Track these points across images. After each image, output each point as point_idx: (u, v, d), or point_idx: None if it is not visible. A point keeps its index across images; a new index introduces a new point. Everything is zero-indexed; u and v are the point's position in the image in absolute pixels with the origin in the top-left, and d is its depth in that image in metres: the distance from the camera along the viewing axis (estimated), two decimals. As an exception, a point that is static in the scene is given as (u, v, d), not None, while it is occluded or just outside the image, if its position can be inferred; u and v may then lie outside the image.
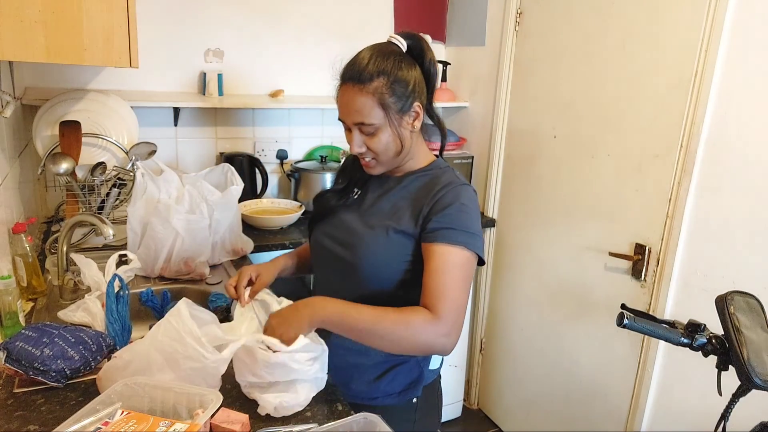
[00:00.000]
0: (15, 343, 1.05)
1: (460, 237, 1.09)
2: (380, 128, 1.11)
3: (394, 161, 1.18)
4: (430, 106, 1.20)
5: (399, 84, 1.09)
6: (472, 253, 1.10)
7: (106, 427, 0.85)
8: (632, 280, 1.89)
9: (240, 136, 2.45)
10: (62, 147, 1.84)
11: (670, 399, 1.83)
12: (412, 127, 1.15)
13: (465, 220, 1.11)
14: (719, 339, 1.11)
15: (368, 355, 1.20)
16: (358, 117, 1.11)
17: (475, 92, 2.61)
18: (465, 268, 1.09)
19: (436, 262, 1.08)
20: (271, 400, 1.01)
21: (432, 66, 1.16)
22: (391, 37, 1.14)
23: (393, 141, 1.13)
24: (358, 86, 1.09)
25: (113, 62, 1.29)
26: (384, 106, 1.09)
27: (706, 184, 1.66)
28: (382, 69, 1.08)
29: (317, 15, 2.46)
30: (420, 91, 1.13)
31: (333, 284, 1.26)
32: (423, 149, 1.23)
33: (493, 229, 2.55)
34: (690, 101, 1.66)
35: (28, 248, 1.45)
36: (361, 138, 1.13)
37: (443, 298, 1.05)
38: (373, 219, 1.19)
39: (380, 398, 1.22)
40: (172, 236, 1.60)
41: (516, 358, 2.49)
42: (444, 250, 1.08)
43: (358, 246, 1.17)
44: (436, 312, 1.05)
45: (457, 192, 1.13)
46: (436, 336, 1.04)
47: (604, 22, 1.93)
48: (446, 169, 1.22)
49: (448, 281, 1.06)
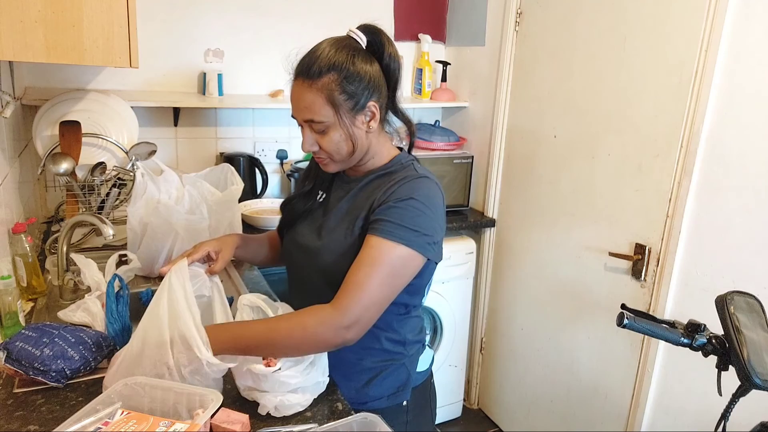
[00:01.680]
0: (15, 343, 1.05)
1: (398, 232, 1.03)
2: (330, 127, 1.06)
3: (349, 160, 1.13)
4: (392, 104, 1.15)
5: (351, 81, 1.04)
6: (413, 251, 1.04)
7: (106, 427, 0.85)
8: (632, 280, 1.89)
9: (240, 136, 2.45)
10: (62, 147, 1.84)
11: (670, 399, 1.83)
12: (367, 127, 1.10)
13: (411, 216, 1.05)
14: (719, 339, 1.11)
15: (353, 364, 1.19)
16: (307, 114, 1.06)
17: (475, 92, 2.61)
18: (394, 264, 1.03)
19: (365, 253, 1.04)
20: (271, 398, 1.01)
21: (392, 61, 1.10)
22: (350, 31, 1.09)
23: (345, 141, 1.08)
24: (307, 82, 1.04)
25: (113, 62, 1.29)
26: (334, 104, 1.04)
27: (706, 184, 1.66)
28: (333, 64, 1.03)
29: (317, 15, 2.46)
30: (376, 88, 1.08)
31: (305, 292, 1.23)
32: (386, 147, 1.18)
33: (493, 229, 2.55)
34: (690, 101, 1.66)
35: (28, 248, 1.45)
36: (312, 136, 1.09)
37: (355, 292, 1.01)
38: (334, 223, 1.16)
39: (369, 403, 1.19)
40: (172, 236, 1.60)
41: (516, 357, 2.49)
42: (376, 242, 1.03)
43: (320, 252, 1.14)
44: (340, 304, 1.01)
45: (412, 186, 1.08)
46: (334, 330, 1.00)
47: (604, 21, 1.93)
48: (407, 164, 1.16)
49: (369, 274, 1.02)
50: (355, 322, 1.01)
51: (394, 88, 1.14)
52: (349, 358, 1.18)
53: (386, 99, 1.13)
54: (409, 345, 1.23)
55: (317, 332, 1.00)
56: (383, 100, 1.12)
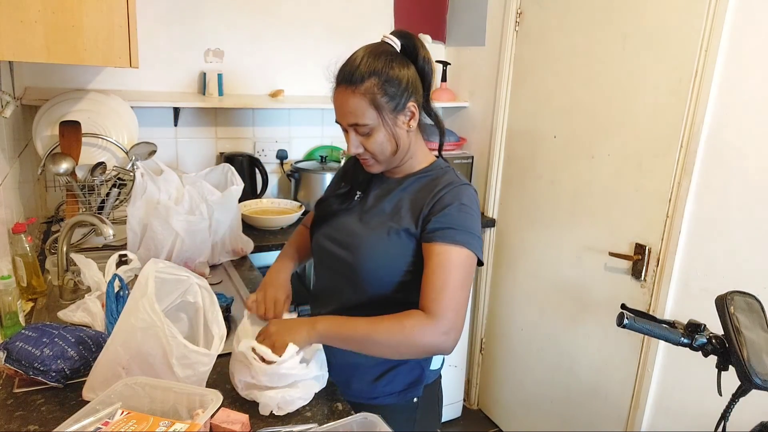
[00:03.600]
0: (15, 343, 1.05)
1: (459, 236, 1.09)
2: (375, 128, 1.12)
3: (392, 160, 1.18)
4: (427, 105, 1.20)
5: (391, 83, 1.10)
6: (472, 252, 1.10)
7: (106, 427, 0.85)
8: (632, 280, 1.89)
9: (240, 136, 2.45)
10: (62, 147, 1.84)
11: (670, 399, 1.83)
12: (408, 126, 1.15)
13: (465, 220, 1.11)
14: (719, 339, 1.11)
15: (367, 357, 1.19)
16: (352, 118, 1.11)
17: (475, 92, 2.61)
18: (464, 267, 1.09)
19: (435, 261, 1.08)
20: (272, 395, 1.01)
21: (426, 64, 1.16)
22: (384, 37, 1.15)
23: (389, 141, 1.14)
24: (350, 88, 1.10)
25: (113, 62, 1.29)
26: (377, 107, 1.10)
27: (706, 184, 1.66)
28: (373, 69, 1.09)
29: (317, 15, 2.46)
30: (414, 89, 1.13)
31: (333, 286, 1.26)
32: (422, 149, 1.23)
33: (493, 229, 2.55)
34: (690, 101, 1.66)
35: (28, 248, 1.45)
36: (357, 139, 1.14)
37: (441, 297, 1.05)
38: (374, 220, 1.19)
39: (381, 398, 1.22)
40: (171, 237, 1.60)
41: (516, 358, 2.49)
42: (443, 249, 1.08)
43: (358, 247, 1.17)
44: (433, 311, 1.05)
45: (458, 192, 1.14)
46: (433, 336, 1.05)
47: (604, 21, 1.93)
48: (447, 169, 1.22)
49: (446, 280, 1.07)
50: (452, 328, 1.06)
51: (428, 88, 1.19)
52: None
53: (422, 99, 1.17)
54: None
55: (416, 334, 1.04)
56: (420, 101, 1.16)
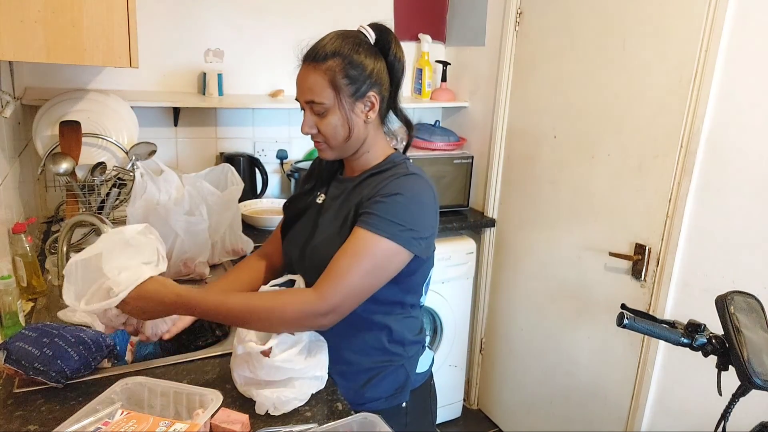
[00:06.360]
0: (15, 343, 1.05)
1: (382, 225, 1.05)
2: (330, 109, 1.10)
3: (345, 147, 1.15)
4: (394, 104, 1.18)
5: (354, 67, 1.08)
6: (397, 245, 1.06)
7: (106, 427, 0.85)
8: (632, 280, 1.89)
9: (240, 136, 2.45)
10: (62, 147, 1.84)
11: (670, 399, 1.83)
12: (366, 116, 1.13)
13: (397, 211, 1.07)
14: (719, 339, 1.11)
15: (350, 364, 1.19)
16: (309, 95, 1.10)
17: (475, 92, 2.61)
18: (377, 257, 1.05)
19: (348, 244, 1.06)
20: (268, 395, 1.01)
21: (397, 61, 1.15)
22: (360, 27, 1.15)
23: (342, 125, 1.11)
24: (312, 65, 1.09)
25: (113, 62, 1.29)
26: (335, 87, 1.08)
27: (706, 184, 1.66)
28: (338, 50, 1.08)
29: (317, 15, 2.45)
30: (378, 81, 1.12)
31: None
32: (381, 144, 1.20)
33: (493, 229, 2.55)
34: (690, 101, 1.66)
35: (28, 248, 1.45)
36: (312, 119, 1.12)
37: (335, 279, 1.03)
38: (327, 221, 1.18)
39: (368, 404, 1.19)
40: (171, 237, 1.60)
41: (516, 358, 2.49)
42: (361, 234, 1.06)
43: (315, 251, 1.16)
44: (320, 290, 1.03)
45: (399, 182, 1.11)
46: (313, 316, 1.03)
47: (604, 21, 1.93)
48: (399, 162, 1.18)
49: (351, 264, 1.04)
50: (332, 310, 1.04)
51: (396, 87, 1.17)
52: (347, 358, 1.18)
53: (387, 95, 1.16)
54: (409, 345, 1.23)
55: (295, 314, 1.03)
56: (384, 95, 1.15)
